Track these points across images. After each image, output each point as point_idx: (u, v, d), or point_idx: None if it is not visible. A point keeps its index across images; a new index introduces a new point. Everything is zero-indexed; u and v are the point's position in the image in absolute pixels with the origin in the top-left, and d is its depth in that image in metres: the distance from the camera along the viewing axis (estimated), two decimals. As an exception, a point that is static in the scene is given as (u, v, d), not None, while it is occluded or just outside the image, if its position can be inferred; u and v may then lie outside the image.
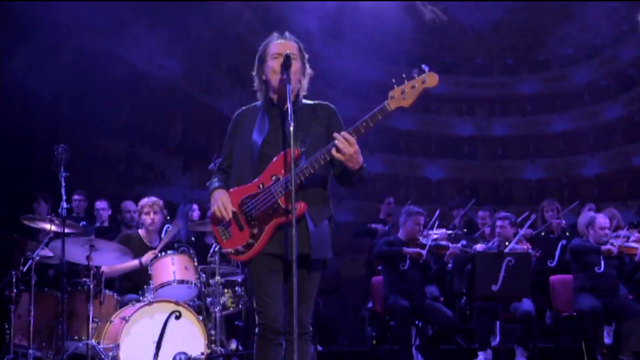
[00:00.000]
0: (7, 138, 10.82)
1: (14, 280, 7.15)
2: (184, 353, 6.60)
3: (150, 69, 13.62)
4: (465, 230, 11.41)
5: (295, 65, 4.47)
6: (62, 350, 6.75)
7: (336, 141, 4.17)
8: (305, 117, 4.51)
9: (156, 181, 14.05)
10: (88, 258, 6.93)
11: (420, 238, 8.72)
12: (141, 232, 8.03)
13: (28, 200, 10.13)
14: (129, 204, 10.32)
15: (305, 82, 4.63)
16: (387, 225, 11.35)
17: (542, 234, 10.60)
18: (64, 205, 6.90)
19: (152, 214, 7.90)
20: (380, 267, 9.12)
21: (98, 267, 7.24)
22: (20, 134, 10.95)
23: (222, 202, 4.40)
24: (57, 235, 7.20)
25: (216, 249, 7.59)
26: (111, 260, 7.28)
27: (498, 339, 9.23)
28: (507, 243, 8.68)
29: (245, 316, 8.17)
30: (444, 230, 9.46)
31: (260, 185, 4.37)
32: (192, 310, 6.84)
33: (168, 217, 10.90)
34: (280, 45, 4.54)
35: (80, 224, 10.29)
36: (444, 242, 8.77)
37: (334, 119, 4.58)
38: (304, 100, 4.63)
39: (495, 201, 15.43)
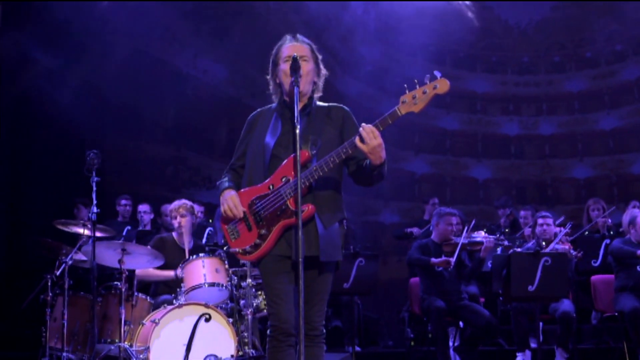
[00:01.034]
0: (52, 145, 11.02)
1: (49, 284, 7.30)
2: (214, 355, 6.62)
3: (196, 73, 13.75)
4: (507, 230, 11.31)
5: (307, 66, 4.51)
6: (94, 352, 6.85)
7: (361, 129, 4.16)
8: (318, 119, 4.52)
9: (202, 184, 14.16)
10: (120, 262, 7.03)
11: (454, 238, 8.65)
12: (175, 234, 8.17)
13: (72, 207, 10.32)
14: (168, 207, 10.42)
15: (320, 83, 4.65)
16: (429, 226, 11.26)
17: (587, 233, 10.45)
18: (94, 209, 7.01)
19: (178, 217, 8.04)
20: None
21: (131, 271, 7.36)
22: (65, 140, 11.13)
23: (233, 202, 4.43)
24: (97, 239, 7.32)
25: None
26: (143, 263, 7.36)
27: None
28: (543, 243, 8.57)
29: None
30: (484, 233, 9.34)
31: (271, 187, 4.39)
32: (222, 312, 6.87)
33: (210, 220, 11.03)
34: (291, 47, 4.55)
35: (125, 229, 10.47)
36: (478, 239, 8.63)
37: (347, 122, 4.57)
38: (319, 103, 4.64)
39: (544, 201, 15.24)
